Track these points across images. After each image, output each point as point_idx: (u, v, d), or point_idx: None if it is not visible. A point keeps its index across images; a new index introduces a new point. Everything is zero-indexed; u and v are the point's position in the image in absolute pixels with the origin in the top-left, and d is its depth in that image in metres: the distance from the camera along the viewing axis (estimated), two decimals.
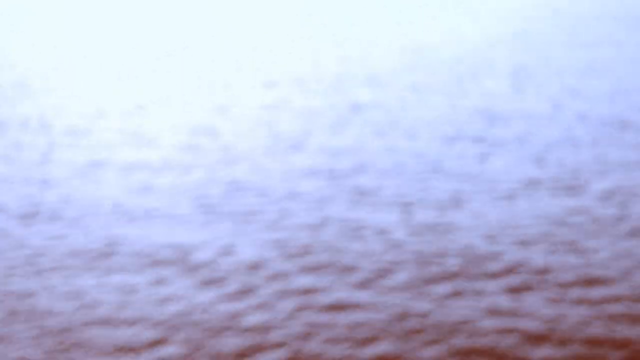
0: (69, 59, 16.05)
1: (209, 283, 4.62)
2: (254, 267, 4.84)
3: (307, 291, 4.48)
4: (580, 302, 4.29)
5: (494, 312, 4.19)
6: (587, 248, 5.09)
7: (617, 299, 4.32)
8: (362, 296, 4.41)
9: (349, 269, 4.79)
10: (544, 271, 4.72)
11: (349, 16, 28.45)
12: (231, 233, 5.44)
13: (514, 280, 4.60)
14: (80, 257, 5.06)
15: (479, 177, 6.71)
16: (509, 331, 3.97)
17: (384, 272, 4.73)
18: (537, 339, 3.89)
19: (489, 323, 4.07)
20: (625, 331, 3.95)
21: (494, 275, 4.66)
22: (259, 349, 3.82)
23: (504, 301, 4.31)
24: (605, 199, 6.08)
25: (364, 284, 4.57)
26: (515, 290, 4.44)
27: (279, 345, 3.85)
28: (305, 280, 4.63)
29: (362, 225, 5.57)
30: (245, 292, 4.49)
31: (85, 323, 4.13)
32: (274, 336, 3.94)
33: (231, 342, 3.88)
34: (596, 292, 4.41)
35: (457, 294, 4.41)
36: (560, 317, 4.12)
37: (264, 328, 4.03)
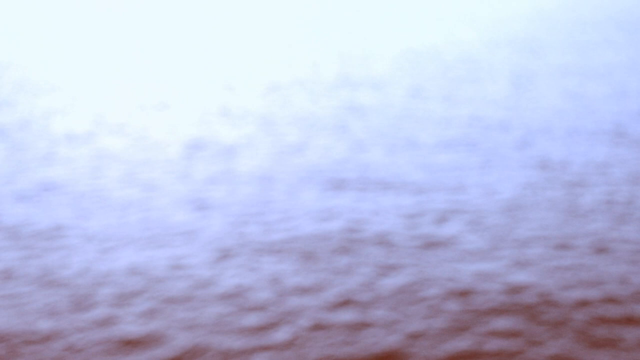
0: (69, 59, 16.05)
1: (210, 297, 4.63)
2: (253, 269, 4.86)
3: (304, 297, 4.50)
4: (593, 322, 4.29)
5: (496, 334, 4.20)
6: (594, 262, 5.09)
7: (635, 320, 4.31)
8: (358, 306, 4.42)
9: (346, 274, 4.80)
10: (548, 291, 4.71)
11: (349, 19, 28.46)
12: (232, 237, 5.45)
13: (515, 299, 4.60)
14: (81, 259, 5.07)
15: (478, 185, 6.72)
16: (512, 355, 3.98)
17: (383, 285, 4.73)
18: None
19: (493, 345, 4.07)
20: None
21: (497, 293, 4.67)
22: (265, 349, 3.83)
23: (503, 325, 4.31)
24: (607, 208, 6.09)
25: (365, 298, 4.57)
26: (513, 314, 4.43)
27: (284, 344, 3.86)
28: (304, 287, 4.64)
29: (362, 231, 5.58)
30: (237, 294, 4.50)
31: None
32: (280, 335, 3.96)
33: (235, 341, 3.89)
34: (607, 312, 4.40)
35: (460, 312, 4.42)
36: (567, 342, 4.12)
37: (264, 327, 4.04)
